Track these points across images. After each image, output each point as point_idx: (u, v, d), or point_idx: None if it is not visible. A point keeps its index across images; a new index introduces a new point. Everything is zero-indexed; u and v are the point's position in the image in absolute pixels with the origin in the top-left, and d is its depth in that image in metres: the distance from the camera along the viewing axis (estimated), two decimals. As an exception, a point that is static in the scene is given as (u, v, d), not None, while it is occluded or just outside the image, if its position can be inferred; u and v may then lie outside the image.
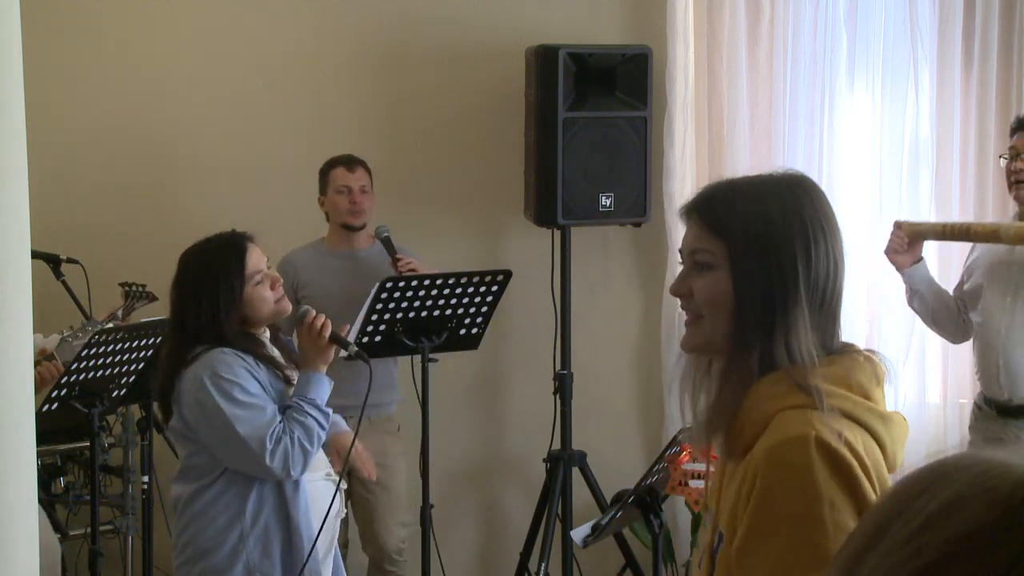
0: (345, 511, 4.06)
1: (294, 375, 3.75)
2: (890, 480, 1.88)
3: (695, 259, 1.98)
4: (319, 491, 3.76)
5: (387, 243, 5.01)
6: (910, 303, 4.75)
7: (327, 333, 3.66)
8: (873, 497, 1.81)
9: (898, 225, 4.61)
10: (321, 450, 3.79)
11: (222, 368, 3.56)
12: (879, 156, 5.39)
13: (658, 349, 5.54)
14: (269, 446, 3.51)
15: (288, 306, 3.77)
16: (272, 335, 3.81)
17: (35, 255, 2.98)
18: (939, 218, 5.29)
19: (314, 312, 3.71)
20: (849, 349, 1.99)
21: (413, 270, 4.86)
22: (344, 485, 3.94)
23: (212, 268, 3.64)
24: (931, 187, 5.34)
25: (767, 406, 1.90)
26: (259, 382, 3.60)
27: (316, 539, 3.64)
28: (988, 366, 4.52)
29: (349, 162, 5.15)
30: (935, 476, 0.97)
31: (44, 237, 4.18)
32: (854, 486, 1.82)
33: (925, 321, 4.80)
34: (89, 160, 5.66)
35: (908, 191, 5.36)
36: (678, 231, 5.46)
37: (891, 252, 4.63)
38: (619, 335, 5.68)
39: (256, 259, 3.68)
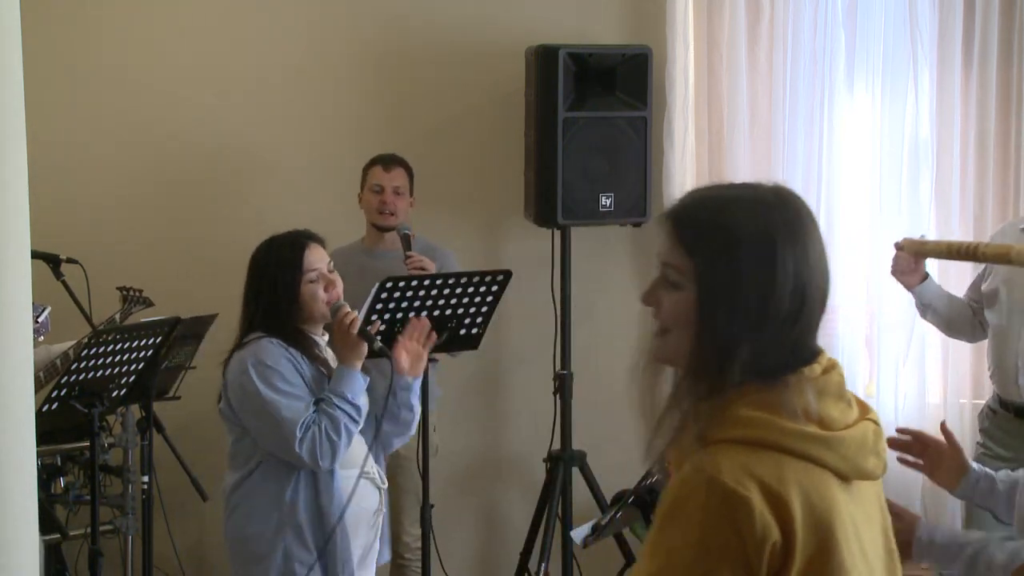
0: (384, 509, 4.06)
1: None
2: (835, 498, 1.87)
3: (665, 273, 1.98)
4: (356, 488, 3.81)
5: (405, 240, 5.01)
6: (923, 316, 4.70)
7: (355, 329, 3.78)
8: (770, 536, 1.81)
9: (899, 246, 4.54)
10: (361, 445, 3.85)
11: (266, 356, 3.73)
12: (879, 156, 5.39)
13: (658, 349, 5.53)
14: (299, 434, 3.66)
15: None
16: (332, 339, 3.91)
17: (35, 255, 2.97)
18: (939, 218, 5.30)
19: (347, 307, 3.84)
20: (819, 359, 1.95)
21: (421, 268, 4.87)
22: (384, 484, 3.98)
23: (272, 261, 3.83)
24: (931, 187, 5.34)
25: (702, 433, 1.91)
26: (301, 375, 3.75)
27: (335, 527, 3.72)
28: (1005, 368, 4.47)
29: (387, 161, 5.16)
30: None
31: (44, 237, 4.17)
32: (743, 530, 1.81)
33: (941, 330, 4.77)
34: (89, 160, 5.66)
35: (908, 191, 5.36)
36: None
37: (898, 274, 4.57)
38: (619, 335, 5.66)
39: (315, 258, 3.83)
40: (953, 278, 4.98)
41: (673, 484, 1.90)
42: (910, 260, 4.53)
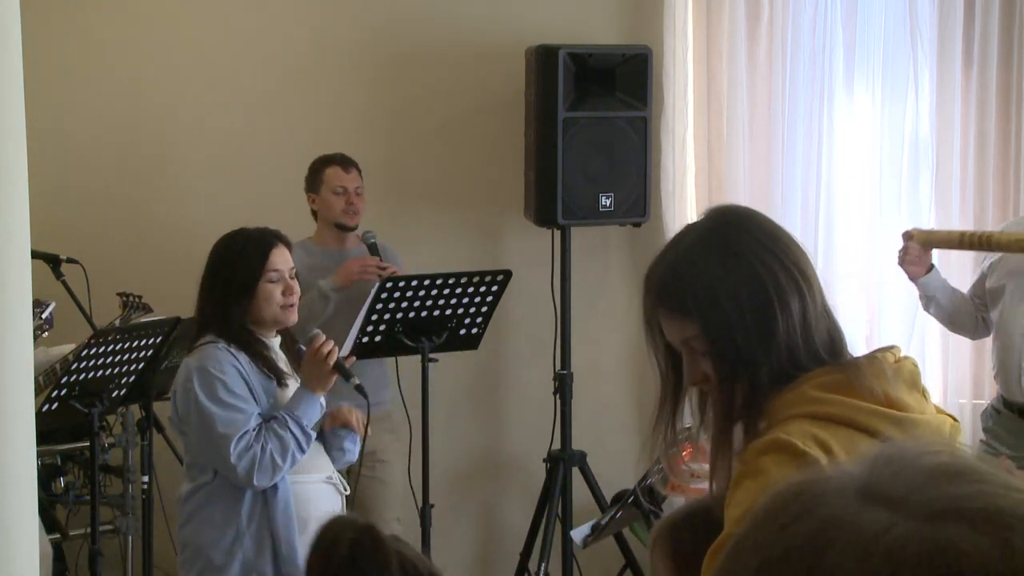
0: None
1: (294, 383, 3.75)
2: None
3: (691, 348, 2.02)
4: (317, 494, 3.75)
5: (373, 249, 4.98)
6: (926, 309, 4.65)
7: (332, 360, 3.66)
8: None
9: (908, 235, 4.46)
10: (324, 453, 3.80)
11: (210, 363, 3.59)
12: (879, 156, 5.39)
13: (658, 349, 5.53)
14: (235, 449, 3.53)
15: (294, 318, 3.76)
16: (284, 341, 3.81)
17: (35, 255, 2.98)
18: (939, 218, 5.29)
19: (324, 337, 3.71)
20: (892, 350, 2.00)
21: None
22: (347, 491, 3.93)
23: (233, 255, 3.68)
24: (931, 187, 5.33)
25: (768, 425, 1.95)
26: (247, 383, 3.61)
27: (293, 537, 3.60)
28: (1008, 368, 4.43)
29: (344, 162, 5.12)
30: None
31: (44, 237, 4.18)
32: None
33: (943, 324, 4.72)
34: (89, 160, 5.66)
35: (908, 191, 5.36)
36: (678, 230, 5.46)
37: (906, 264, 4.49)
38: (619, 335, 5.68)
39: (279, 259, 3.69)
40: (955, 272, 4.95)
41: (743, 455, 1.91)
42: (919, 250, 4.46)
